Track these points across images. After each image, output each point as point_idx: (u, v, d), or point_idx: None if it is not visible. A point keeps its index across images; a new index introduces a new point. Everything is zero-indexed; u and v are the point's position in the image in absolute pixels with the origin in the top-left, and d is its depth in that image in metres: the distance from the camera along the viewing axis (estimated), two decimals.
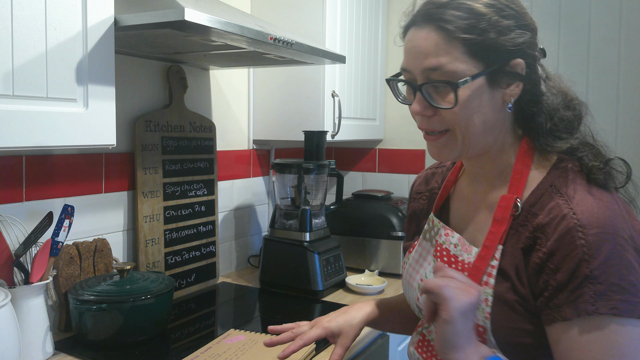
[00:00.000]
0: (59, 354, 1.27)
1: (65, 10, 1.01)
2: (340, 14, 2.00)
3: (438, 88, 0.83)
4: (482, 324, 0.83)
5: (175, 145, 1.72)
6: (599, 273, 0.74)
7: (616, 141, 2.09)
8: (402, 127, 2.41)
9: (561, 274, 0.76)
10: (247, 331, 1.40)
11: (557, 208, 0.79)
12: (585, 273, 0.74)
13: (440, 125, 0.85)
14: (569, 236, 0.76)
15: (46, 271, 1.22)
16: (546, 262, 0.78)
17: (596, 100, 2.14)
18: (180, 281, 1.74)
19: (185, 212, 1.76)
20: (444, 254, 0.93)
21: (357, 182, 2.52)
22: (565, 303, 0.76)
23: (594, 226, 0.76)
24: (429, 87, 0.84)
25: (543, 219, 0.80)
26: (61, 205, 1.27)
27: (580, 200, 0.79)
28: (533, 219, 0.82)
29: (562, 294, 0.76)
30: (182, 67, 1.76)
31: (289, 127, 2.02)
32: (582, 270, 0.74)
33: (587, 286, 0.74)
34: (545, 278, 0.78)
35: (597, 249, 0.74)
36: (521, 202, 0.85)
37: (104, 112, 1.09)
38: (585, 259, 0.74)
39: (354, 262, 2.07)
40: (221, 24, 1.14)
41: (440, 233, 0.95)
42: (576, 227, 0.76)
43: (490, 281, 0.84)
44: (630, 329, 0.74)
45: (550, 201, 0.81)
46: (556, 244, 0.77)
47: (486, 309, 0.83)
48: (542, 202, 0.82)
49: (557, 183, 0.83)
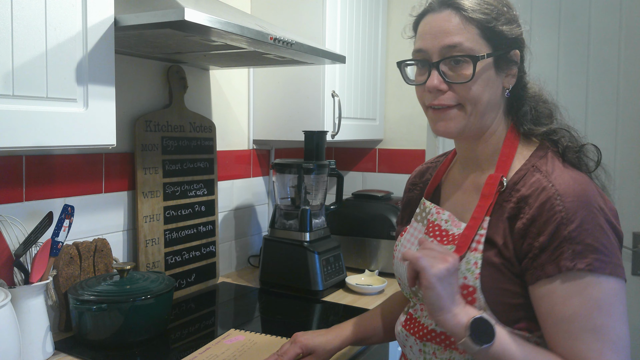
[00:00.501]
0: (59, 354, 1.27)
1: (65, 10, 1.01)
2: (340, 14, 2.00)
3: (456, 64, 0.93)
4: (473, 284, 0.91)
5: (175, 145, 1.72)
6: (576, 235, 0.84)
7: (616, 141, 2.09)
8: (402, 127, 2.41)
9: (543, 236, 0.86)
10: (247, 331, 1.40)
11: (537, 182, 0.90)
12: (564, 235, 0.84)
13: (452, 100, 0.94)
14: (549, 204, 0.87)
15: (46, 271, 1.22)
16: (529, 227, 0.88)
17: (596, 100, 2.14)
18: (180, 281, 1.74)
19: (185, 212, 1.76)
20: (436, 229, 1.02)
21: (357, 182, 2.52)
22: (547, 261, 0.85)
23: (570, 195, 0.86)
24: (446, 63, 0.93)
25: (525, 192, 0.91)
26: (61, 205, 1.27)
27: (558, 176, 0.90)
28: (516, 194, 0.92)
29: (545, 254, 0.86)
30: (182, 67, 1.76)
31: (289, 127, 2.02)
32: (561, 233, 0.85)
33: (566, 246, 0.84)
34: (529, 242, 0.88)
35: (573, 214, 0.85)
36: (506, 181, 0.95)
37: (104, 112, 1.09)
38: (564, 223, 0.85)
39: (354, 262, 2.07)
40: (221, 24, 1.14)
41: (432, 212, 1.05)
42: (555, 195, 0.87)
43: (479, 247, 0.93)
44: (604, 284, 0.84)
45: (532, 177, 0.92)
46: (538, 211, 0.87)
47: (476, 270, 0.91)
48: (524, 180, 0.93)
49: (537, 164, 0.94)
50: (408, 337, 1.04)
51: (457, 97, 0.94)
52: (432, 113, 0.98)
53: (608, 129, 2.11)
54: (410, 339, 1.04)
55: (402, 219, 1.22)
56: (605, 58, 2.11)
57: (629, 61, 2.07)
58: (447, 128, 0.96)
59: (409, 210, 1.18)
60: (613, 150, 2.09)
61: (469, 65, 0.92)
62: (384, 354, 1.64)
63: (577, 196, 0.86)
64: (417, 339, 1.01)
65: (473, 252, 0.93)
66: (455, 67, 0.93)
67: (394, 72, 2.42)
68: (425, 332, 1.00)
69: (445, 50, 0.93)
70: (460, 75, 0.93)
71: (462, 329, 0.84)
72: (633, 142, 2.07)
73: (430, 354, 0.99)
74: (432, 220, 1.04)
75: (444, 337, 0.97)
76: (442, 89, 0.94)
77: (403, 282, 1.09)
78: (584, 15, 2.14)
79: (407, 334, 1.04)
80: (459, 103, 0.94)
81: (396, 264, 1.11)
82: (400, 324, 1.08)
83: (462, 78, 0.92)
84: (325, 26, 1.92)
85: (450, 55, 0.92)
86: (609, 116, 2.11)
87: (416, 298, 1.04)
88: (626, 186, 2.04)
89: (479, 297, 0.91)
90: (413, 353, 1.04)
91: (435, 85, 0.93)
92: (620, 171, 2.07)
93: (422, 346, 1.01)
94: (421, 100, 0.99)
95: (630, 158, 2.07)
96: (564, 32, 2.18)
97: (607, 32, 2.10)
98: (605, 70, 2.11)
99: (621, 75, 2.09)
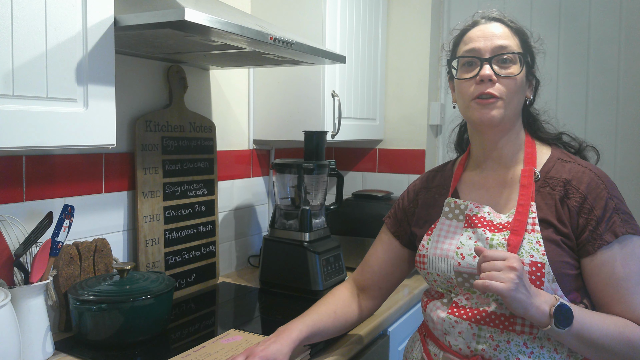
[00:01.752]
0: (59, 354, 1.27)
1: (65, 10, 1.01)
2: (340, 14, 2.00)
3: (504, 62, 1.11)
4: (541, 260, 1.04)
5: (175, 145, 1.72)
6: (619, 206, 1.06)
7: (616, 141, 2.09)
8: (402, 127, 2.42)
9: (597, 210, 1.05)
10: (247, 332, 1.40)
11: (574, 168, 1.11)
12: (612, 207, 1.05)
13: (498, 92, 1.09)
14: (594, 183, 1.07)
15: (46, 271, 1.22)
16: (582, 204, 1.06)
17: (596, 100, 2.14)
18: (180, 281, 1.74)
19: (185, 212, 1.76)
20: (481, 220, 1.14)
21: (357, 182, 2.52)
22: (605, 230, 1.03)
23: (603, 176, 1.09)
24: (495, 61, 1.10)
25: (567, 176, 1.10)
26: (61, 205, 1.27)
27: (586, 164, 1.13)
28: (552, 180, 1.10)
29: (602, 225, 1.04)
30: (182, 67, 1.76)
31: (289, 127, 2.02)
32: (610, 205, 1.05)
33: (616, 215, 1.04)
34: (585, 217, 1.05)
35: (612, 190, 1.07)
36: (539, 172, 1.13)
37: (104, 112, 1.09)
38: (610, 197, 1.06)
39: (354, 262, 2.07)
40: (221, 24, 1.14)
41: (470, 207, 1.16)
42: (596, 176, 1.08)
43: (535, 228, 1.07)
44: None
45: (565, 166, 1.12)
46: (587, 190, 1.07)
47: (540, 248, 1.05)
48: (556, 168, 1.12)
49: (562, 157, 1.15)
50: (458, 323, 1.10)
51: (501, 90, 1.09)
52: (477, 103, 1.11)
53: (608, 129, 2.11)
54: (460, 325, 1.10)
55: (420, 219, 1.28)
56: (605, 58, 2.11)
57: (629, 61, 2.07)
58: (492, 116, 1.10)
59: (426, 211, 1.27)
60: (613, 150, 2.09)
61: (515, 65, 1.11)
62: (384, 354, 1.65)
63: (607, 177, 1.09)
64: (473, 323, 1.08)
65: (531, 233, 1.06)
66: (503, 65, 1.10)
67: (394, 72, 2.43)
68: (482, 316, 1.07)
69: (497, 49, 1.10)
70: (509, 70, 1.10)
71: (546, 318, 0.96)
72: (633, 142, 2.07)
73: (486, 337, 1.06)
74: (473, 215, 1.15)
75: (503, 319, 1.05)
76: (493, 79, 1.09)
77: (442, 277, 1.15)
78: (584, 15, 2.14)
79: (456, 320, 1.10)
80: (501, 97, 1.09)
81: (432, 261, 1.17)
82: (443, 312, 1.14)
83: (511, 73, 1.10)
84: (325, 26, 1.92)
85: (501, 52, 1.10)
86: (609, 116, 2.11)
87: (461, 288, 1.12)
88: (626, 186, 2.04)
89: (548, 271, 1.03)
90: (463, 338, 1.09)
91: (488, 75, 1.09)
92: (620, 171, 2.07)
93: (478, 330, 1.08)
94: (467, 94, 1.12)
95: (630, 158, 2.07)
96: (564, 32, 2.18)
97: (607, 32, 2.10)
98: (605, 70, 2.11)
99: (621, 75, 2.09)
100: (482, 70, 1.09)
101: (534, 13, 2.22)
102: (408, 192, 1.37)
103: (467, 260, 1.10)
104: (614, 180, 1.13)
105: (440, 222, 1.20)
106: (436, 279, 1.17)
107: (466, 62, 1.13)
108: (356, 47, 2.14)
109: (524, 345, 1.03)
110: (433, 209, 1.25)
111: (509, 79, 1.09)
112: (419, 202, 1.30)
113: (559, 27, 2.19)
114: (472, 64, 1.12)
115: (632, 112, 2.07)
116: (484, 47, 1.11)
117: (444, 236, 1.17)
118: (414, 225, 1.29)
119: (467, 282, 1.11)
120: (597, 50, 2.12)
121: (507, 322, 1.04)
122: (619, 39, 2.08)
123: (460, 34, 1.18)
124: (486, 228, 1.12)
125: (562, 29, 2.19)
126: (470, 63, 1.13)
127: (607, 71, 2.11)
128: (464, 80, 1.13)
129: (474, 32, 1.15)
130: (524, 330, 1.03)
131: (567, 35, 2.17)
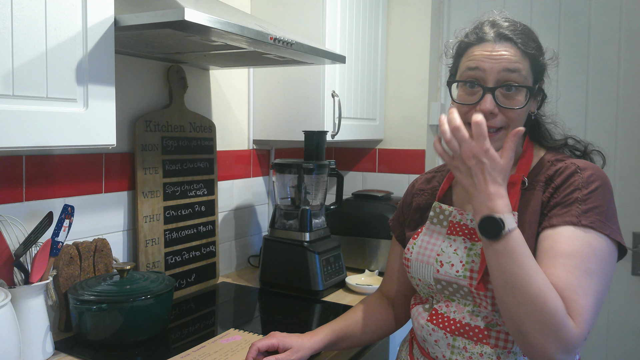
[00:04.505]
0: (59, 354, 1.27)
1: (65, 10, 1.01)
2: (340, 14, 2.00)
3: (509, 90, 1.02)
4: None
5: (175, 145, 1.72)
6: (586, 198, 0.97)
7: (616, 141, 2.09)
8: (402, 127, 2.41)
9: (560, 196, 0.99)
10: (247, 332, 1.40)
11: (559, 163, 1.05)
12: (577, 197, 0.98)
13: (500, 123, 1.03)
14: (570, 174, 1.01)
15: (46, 271, 1.22)
16: (553, 194, 1.01)
17: (596, 100, 2.13)
18: (180, 281, 1.74)
19: (185, 212, 1.76)
20: (462, 228, 1.09)
21: (357, 182, 2.52)
22: (556, 215, 0.98)
23: (589, 169, 1.01)
24: (500, 90, 1.02)
25: (551, 172, 1.04)
26: (61, 205, 1.27)
27: (579, 161, 1.05)
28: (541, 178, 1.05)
29: (556, 209, 0.99)
30: (182, 67, 1.76)
31: (289, 127, 2.02)
32: (575, 195, 0.98)
33: (575, 205, 0.97)
34: (551, 203, 1.00)
35: (589, 184, 0.99)
36: (527, 179, 1.06)
37: (104, 112, 1.09)
38: (579, 188, 0.99)
39: (354, 262, 2.07)
40: (221, 24, 1.14)
41: (454, 214, 1.11)
42: (576, 169, 1.02)
43: None
44: (604, 242, 0.95)
45: (555, 166, 1.05)
46: (561, 181, 1.01)
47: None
48: (544, 171, 1.06)
49: (552, 159, 1.08)
50: (434, 332, 1.07)
51: (503, 121, 1.02)
52: None
53: (608, 129, 2.11)
54: (436, 334, 1.07)
55: (412, 222, 1.24)
56: (605, 58, 2.11)
57: (629, 61, 2.07)
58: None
59: (419, 214, 1.23)
60: (613, 150, 2.09)
61: (522, 94, 1.02)
62: (384, 354, 1.65)
63: (595, 172, 1.01)
64: (447, 333, 1.05)
65: None
66: (508, 93, 1.02)
67: (394, 72, 2.43)
68: (456, 326, 1.04)
69: (504, 73, 1.01)
70: (514, 101, 1.02)
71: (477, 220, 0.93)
72: (633, 142, 2.07)
73: (460, 348, 1.04)
74: (455, 222, 1.10)
75: (477, 332, 1.02)
76: (494, 112, 1.01)
77: (423, 282, 1.12)
78: (584, 15, 2.14)
79: (433, 327, 1.08)
80: (502, 127, 1.03)
81: (414, 266, 1.13)
82: (423, 319, 1.11)
83: (515, 104, 1.02)
84: (325, 26, 1.92)
85: (507, 80, 1.01)
86: (609, 116, 2.11)
87: (442, 295, 1.09)
88: (626, 186, 2.04)
89: None
90: (439, 347, 1.07)
91: (489, 109, 1.01)
92: (620, 171, 2.07)
93: (452, 340, 1.05)
94: (464, 118, 1.01)
95: (630, 158, 2.07)
96: (564, 32, 2.18)
97: (607, 32, 2.10)
98: (605, 70, 2.11)
99: (621, 75, 2.09)
100: (483, 103, 1.01)
101: (534, 13, 2.22)
102: (407, 193, 1.34)
103: (445, 268, 1.06)
104: (613, 180, 1.08)
105: (426, 226, 1.16)
106: (418, 283, 1.15)
107: (468, 82, 1.04)
108: (356, 47, 2.14)
109: (497, 359, 1.00)
110: (425, 212, 1.21)
111: (513, 111, 1.02)
112: (413, 204, 1.27)
113: (559, 27, 2.19)
114: (474, 85, 1.03)
115: (632, 112, 2.07)
116: (489, 68, 1.01)
117: (427, 241, 1.14)
118: (406, 227, 1.27)
119: (446, 290, 1.07)
120: (597, 50, 2.12)
121: (482, 335, 1.02)
122: (619, 39, 2.08)
123: (465, 46, 1.08)
124: (467, 237, 1.07)
125: (562, 29, 2.19)
126: (473, 85, 1.03)
127: (607, 71, 2.11)
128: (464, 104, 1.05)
129: (480, 51, 1.04)
130: (498, 344, 1.00)
131: (567, 35, 2.17)
